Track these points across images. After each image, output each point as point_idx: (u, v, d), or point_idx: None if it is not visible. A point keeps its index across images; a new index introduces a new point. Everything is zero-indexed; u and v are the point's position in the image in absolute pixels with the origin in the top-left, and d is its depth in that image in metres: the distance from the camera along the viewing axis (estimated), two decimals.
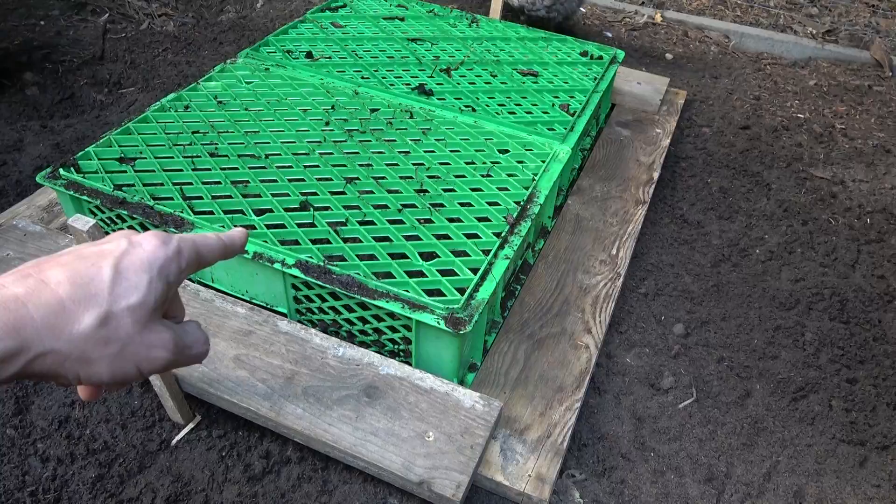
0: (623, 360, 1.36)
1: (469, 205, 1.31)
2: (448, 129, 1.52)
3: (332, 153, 1.41)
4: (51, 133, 1.85)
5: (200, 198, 1.26)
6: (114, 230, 1.30)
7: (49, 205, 1.47)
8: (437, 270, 1.16)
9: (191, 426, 1.14)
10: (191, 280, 1.28)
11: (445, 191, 1.34)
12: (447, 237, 1.24)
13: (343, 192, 1.31)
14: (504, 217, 1.29)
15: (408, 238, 1.22)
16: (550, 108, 1.63)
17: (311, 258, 1.14)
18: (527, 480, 1.04)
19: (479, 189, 1.35)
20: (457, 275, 1.16)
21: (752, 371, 1.37)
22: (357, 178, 1.35)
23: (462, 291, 1.11)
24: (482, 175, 1.39)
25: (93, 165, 1.31)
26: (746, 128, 2.15)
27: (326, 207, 1.27)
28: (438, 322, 1.05)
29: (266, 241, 1.17)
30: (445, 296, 1.11)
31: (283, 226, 1.22)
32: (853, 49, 2.67)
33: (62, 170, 1.28)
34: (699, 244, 1.66)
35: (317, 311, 1.22)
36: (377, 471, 1.00)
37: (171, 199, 1.25)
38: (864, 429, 1.28)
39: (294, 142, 1.43)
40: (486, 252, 1.20)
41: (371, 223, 1.25)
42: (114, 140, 1.38)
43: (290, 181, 1.32)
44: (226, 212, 1.24)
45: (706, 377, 1.35)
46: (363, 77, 1.69)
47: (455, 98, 1.63)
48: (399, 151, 1.44)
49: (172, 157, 1.35)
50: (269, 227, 1.21)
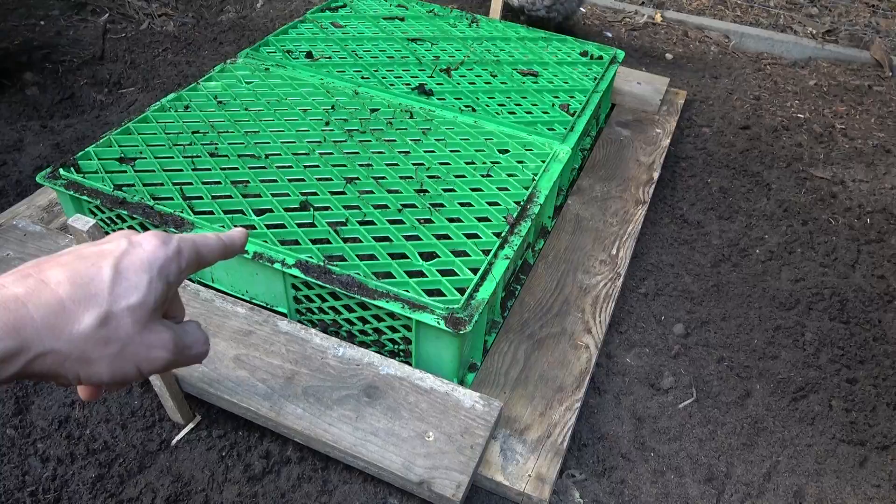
0: (623, 360, 1.36)
1: (469, 205, 1.31)
2: (448, 129, 1.52)
3: (332, 153, 1.41)
4: (51, 133, 1.85)
5: (200, 198, 1.26)
6: (114, 230, 1.30)
7: (49, 205, 1.47)
8: (437, 270, 1.16)
9: (191, 426, 1.14)
10: (191, 280, 1.28)
11: (445, 191, 1.34)
12: (447, 237, 1.24)
13: (343, 192, 1.31)
14: (504, 217, 1.29)
15: (408, 238, 1.22)
16: (550, 108, 1.63)
17: (311, 258, 1.14)
18: (527, 480, 1.04)
19: (479, 189, 1.35)
20: (457, 275, 1.16)
21: (752, 371, 1.37)
22: (357, 178, 1.35)
23: (462, 291, 1.11)
24: (482, 175, 1.39)
25: (93, 165, 1.31)
26: (746, 128, 2.15)
27: (326, 207, 1.27)
28: (438, 322, 1.05)
29: (266, 241, 1.17)
30: (445, 296, 1.11)
31: (283, 226, 1.22)
32: (853, 49, 2.67)
33: (62, 170, 1.28)
34: (699, 244, 1.66)
35: (317, 311, 1.22)
36: (377, 471, 1.00)
37: (171, 199, 1.25)
38: (864, 429, 1.28)
39: (294, 142, 1.43)
40: (486, 252, 1.20)
41: (371, 223, 1.25)
42: (114, 140, 1.38)
43: (290, 181, 1.32)
44: (226, 212, 1.24)
45: (706, 377, 1.35)
46: (363, 77, 1.69)
47: (455, 98, 1.63)
48: (399, 151, 1.44)
49: (172, 157, 1.35)
50: (269, 227, 1.21)
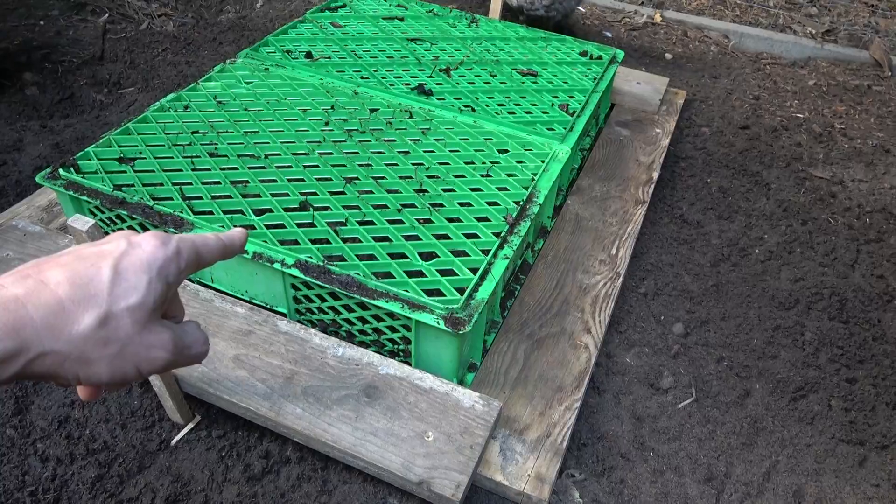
0: (622, 360, 1.36)
1: (468, 205, 1.31)
2: (447, 129, 1.52)
3: (332, 153, 1.41)
4: (50, 133, 1.85)
5: (200, 198, 1.26)
6: (113, 230, 1.30)
7: (49, 205, 1.47)
8: (437, 270, 1.16)
9: (190, 426, 1.14)
10: (190, 280, 1.28)
11: (445, 191, 1.34)
12: (447, 237, 1.24)
13: (343, 192, 1.31)
14: (503, 217, 1.29)
15: (407, 238, 1.22)
16: (550, 108, 1.63)
17: (311, 258, 1.14)
18: (526, 480, 1.05)
19: (479, 189, 1.36)
20: (456, 275, 1.16)
21: (752, 371, 1.37)
22: (357, 178, 1.35)
23: (461, 291, 1.11)
24: (482, 175, 1.39)
25: (92, 166, 1.31)
26: (746, 127, 2.15)
27: (326, 207, 1.28)
28: (438, 322, 1.05)
29: (266, 241, 1.17)
30: (445, 296, 1.11)
31: (283, 226, 1.22)
32: (852, 49, 2.67)
33: (62, 170, 1.28)
34: (699, 244, 1.66)
35: (316, 311, 1.22)
36: (377, 471, 1.00)
37: (171, 200, 1.25)
38: (864, 428, 1.28)
39: (293, 142, 1.43)
40: (486, 252, 1.20)
41: (371, 223, 1.25)
42: (113, 140, 1.38)
43: (290, 181, 1.32)
44: (225, 212, 1.24)
45: (706, 377, 1.35)
46: (363, 77, 1.69)
47: (454, 98, 1.63)
48: (398, 151, 1.44)
49: (172, 158, 1.35)
50: (269, 227, 1.21)
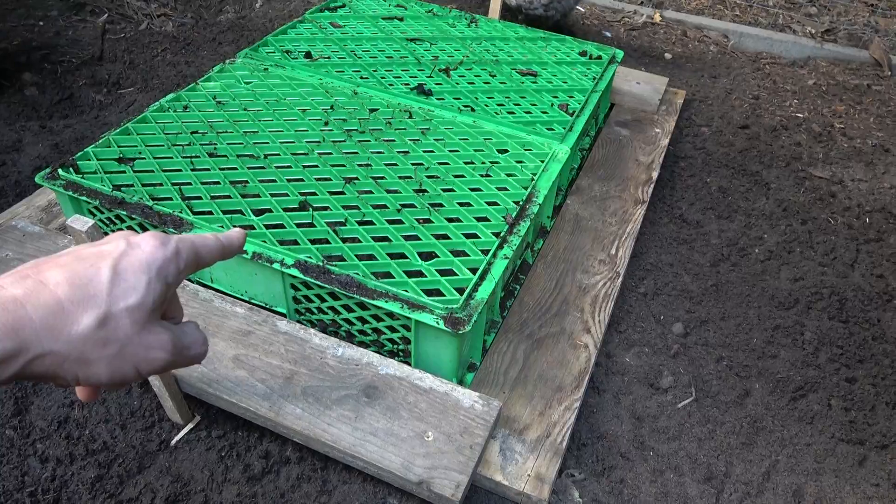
0: (622, 360, 1.36)
1: (468, 205, 1.31)
2: (447, 129, 1.52)
3: (331, 153, 1.41)
4: (50, 133, 1.85)
5: (199, 198, 1.26)
6: (113, 230, 1.30)
7: (48, 205, 1.47)
8: (437, 270, 1.16)
9: (190, 426, 1.14)
10: (190, 280, 1.28)
11: (444, 191, 1.34)
12: (446, 237, 1.24)
13: (342, 192, 1.31)
14: (503, 217, 1.29)
15: (407, 238, 1.22)
16: (549, 108, 1.63)
17: (310, 258, 1.14)
18: (526, 480, 1.05)
19: (479, 189, 1.36)
20: (456, 274, 1.16)
21: (752, 370, 1.37)
22: (356, 178, 1.35)
23: (461, 291, 1.11)
24: (481, 175, 1.39)
25: (92, 166, 1.31)
26: (745, 127, 2.15)
27: (325, 207, 1.28)
28: (437, 322, 1.05)
29: (265, 241, 1.17)
30: (444, 296, 1.11)
31: (282, 226, 1.22)
32: (852, 48, 2.67)
33: (61, 170, 1.28)
34: (698, 244, 1.66)
35: (316, 311, 1.22)
36: (376, 471, 1.00)
37: (170, 200, 1.25)
38: (864, 428, 1.28)
39: (293, 142, 1.43)
40: (486, 252, 1.20)
41: (370, 223, 1.25)
42: (113, 140, 1.38)
43: (289, 181, 1.32)
44: (225, 212, 1.24)
45: (705, 376, 1.35)
46: (362, 77, 1.69)
47: (454, 98, 1.63)
48: (398, 151, 1.44)
49: (171, 158, 1.35)
50: (268, 227, 1.21)
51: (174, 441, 1.12)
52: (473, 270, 1.16)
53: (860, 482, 1.19)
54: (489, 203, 1.32)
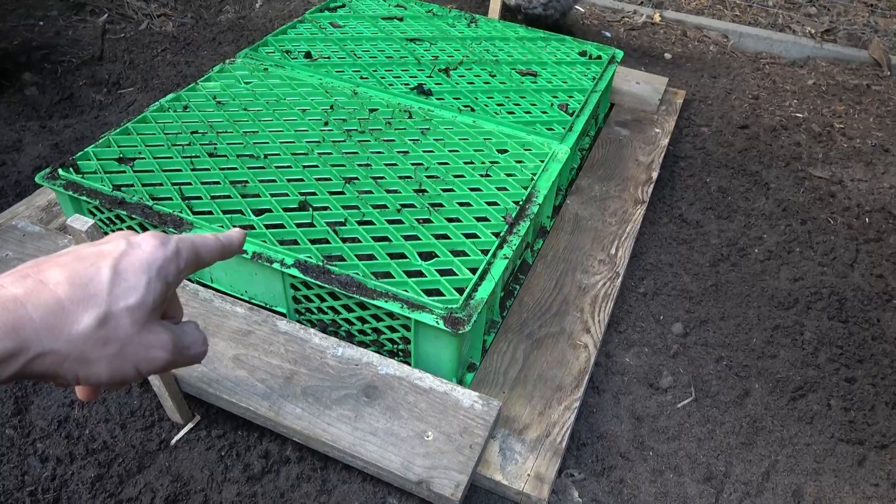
0: (622, 360, 1.36)
1: (468, 204, 1.31)
2: (447, 129, 1.52)
3: (331, 153, 1.42)
4: (50, 133, 1.85)
5: (199, 198, 1.26)
6: (113, 230, 1.30)
7: (48, 205, 1.47)
8: (436, 270, 1.16)
9: (190, 426, 1.14)
10: (190, 280, 1.28)
11: (444, 191, 1.34)
12: (446, 237, 1.24)
13: (342, 192, 1.31)
14: (503, 217, 1.29)
15: (407, 238, 1.23)
16: (549, 108, 1.63)
17: (310, 258, 1.14)
18: (526, 480, 1.05)
19: (478, 189, 1.36)
20: (456, 274, 1.16)
21: (751, 370, 1.37)
22: (356, 178, 1.35)
23: (461, 291, 1.11)
24: (481, 175, 1.39)
25: (92, 166, 1.31)
26: (745, 127, 2.15)
27: (325, 207, 1.28)
28: (437, 322, 1.05)
29: (265, 241, 1.17)
30: (444, 295, 1.11)
31: (282, 226, 1.22)
32: (852, 48, 2.67)
33: (61, 170, 1.28)
34: (698, 244, 1.67)
35: (316, 311, 1.22)
36: (376, 470, 1.00)
37: (170, 200, 1.25)
38: (863, 428, 1.28)
39: (293, 142, 1.43)
40: (485, 252, 1.20)
41: (370, 223, 1.25)
42: (113, 140, 1.38)
43: (289, 181, 1.32)
44: (225, 212, 1.24)
45: (705, 376, 1.35)
46: (362, 77, 1.69)
47: (454, 98, 1.64)
48: (398, 151, 1.44)
49: (171, 158, 1.35)
50: (268, 227, 1.21)
51: (174, 441, 1.12)
52: (473, 270, 1.16)
53: (860, 482, 1.19)
54: (489, 203, 1.32)
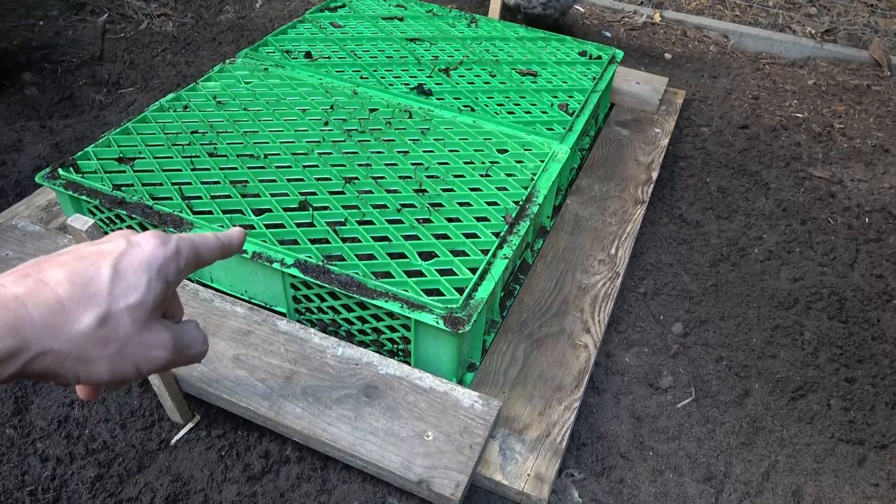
0: (622, 360, 1.36)
1: (468, 204, 1.31)
2: (447, 129, 1.52)
3: (331, 153, 1.42)
4: (50, 133, 1.85)
5: (199, 197, 1.26)
6: (113, 230, 1.30)
7: (48, 205, 1.47)
8: (436, 270, 1.16)
9: (190, 426, 1.14)
10: (190, 280, 1.28)
11: (444, 190, 1.34)
12: (446, 237, 1.24)
13: (342, 192, 1.31)
14: (503, 217, 1.29)
15: (407, 238, 1.23)
16: (549, 108, 1.63)
17: (310, 258, 1.14)
18: (526, 480, 1.05)
19: (478, 189, 1.36)
20: (456, 274, 1.16)
21: (751, 370, 1.37)
22: (356, 178, 1.35)
23: (461, 291, 1.11)
24: (481, 175, 1.39)
25: (92, 165, 1.31)
26: (745, 127, 2.15)
27: (325, 207, 1.28)
28: (437, 322, 1.05)
29: (265, 241, 1.17)
30: (444, 295, 1.11)
31: (282, 225, 1.22)
32: (852, 48, 2.67)
33: (61, 170, 1.28)
34: (698, 244, 1.67)
35: (316, 311, 1.22)
36: (376, 470, 1.00)
37: (170, 199, 1.25)
38: (863, 428, 1.28)
39: (293, 142, 1.43)
40: (485, 252, 1.20)
41: (370, 223, 1.25)
42: (113, 140, 1.38)
43: (289, 181, 1.32)
44: (225, 211, 1.24)
45: (705, 376, 1.35)
46: (362, 77, 1.69)
47: (454, 98, 1.64)
48: (398, 151, 1.44)
49: (171, 157, 1.35)
50: (268, 227, 1.21)
51: (174, 440, 1.12)
52: (473, 270, 1.16)
53: (859, 482, 1.19)
54: (489, 203, 1.32)
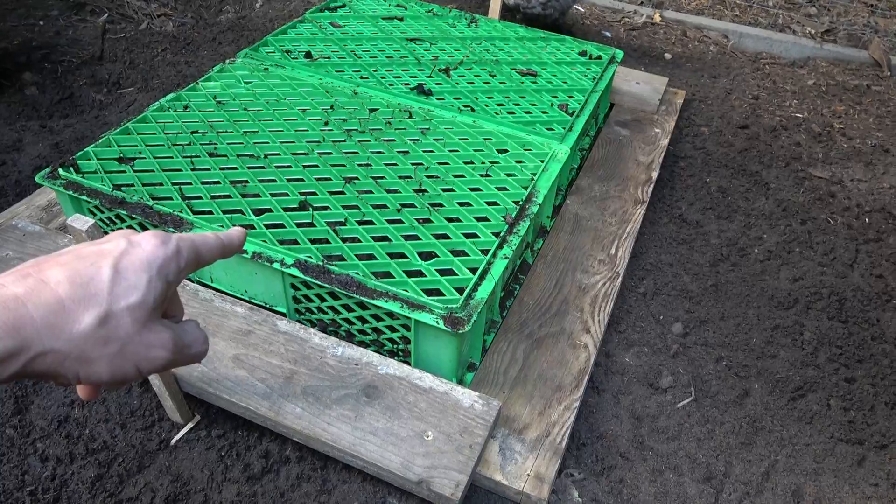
0: (622, 360, 1.36)
1: (468, 204, 1.32)
2: (447, 129, 1.52)
3: (331, 153, 1.42)
4: (50, 133, 1.85)
5: (199, 197, 1.26)
6: (113, 230, 1.30)
7: (48, 205, 1.47)
8: (436, 270, 1.16)
9: (190, 426, 1.14)
10: (190, 280, 1.28)
11: (444, 190, 1.34)
12: (446, 237, 1.24)
13: (342, 192, 1.31)
14: (503, 217, 1.29)
15: (407, 238, 1.23)
16: (549, 108, 1.63)
17: (310, 258, 1.14)
18: (525, 480, 1.05)
19: (478, 189, 1.36)
20: (456, 274, 1.16)
21: (751, 370, 1.37)
22: (356, 178, 1.35)
23: (461, 291, 1.11)
24: (481, 175, 1.39)
25: (92, 165, 1.31)
26: (745, 127, 2.15)
27: (325, 207, 1.28)
28: (437, 321, 1.05)
29: (265, 241, 1.17)
30: (444, 295, 1.11)
31: (282, 225, 1.22)
32: (852, 49, 2.67)
33: (61, 170, 1.28)
34: (698, 244, 1.67)
35: (316, 311, 1.22)
36: (376, 470, 1.00)
37: (171, 199, 1.25)
38: (863, 428, 1.28)
39: (293, 142, 1.43)
40: (485, 252, 1.21)
41: (370, 223, 1.25)
42: (113, 140, 1.38)
43: (289, 181, 1.33)
44: (225, 211, 1.24)
45: (705, 376, 1.35)
46: (362, 77, 1.69)
47: (454, 98, 1.64)
48: (398, 151, 1.44)
49: (171, 157, 1.35)
50: (268, 227, 1.21)
51: (174, 440, 1.12)
52: (473, 270, 1.16)
53: (859, 482, 1.19)
54: (489, 203, 1.32)
